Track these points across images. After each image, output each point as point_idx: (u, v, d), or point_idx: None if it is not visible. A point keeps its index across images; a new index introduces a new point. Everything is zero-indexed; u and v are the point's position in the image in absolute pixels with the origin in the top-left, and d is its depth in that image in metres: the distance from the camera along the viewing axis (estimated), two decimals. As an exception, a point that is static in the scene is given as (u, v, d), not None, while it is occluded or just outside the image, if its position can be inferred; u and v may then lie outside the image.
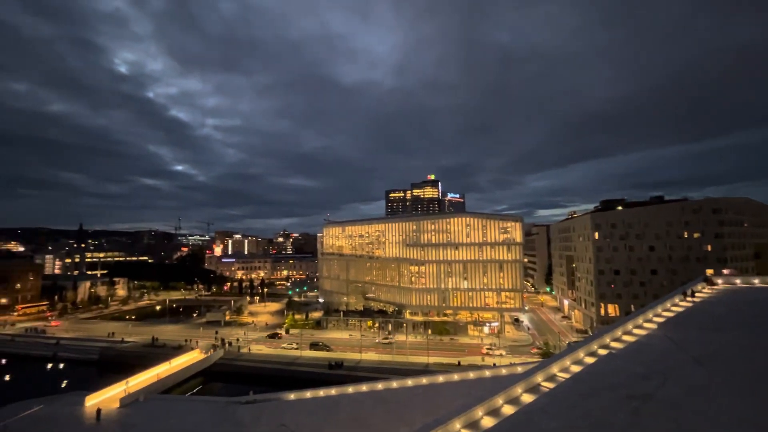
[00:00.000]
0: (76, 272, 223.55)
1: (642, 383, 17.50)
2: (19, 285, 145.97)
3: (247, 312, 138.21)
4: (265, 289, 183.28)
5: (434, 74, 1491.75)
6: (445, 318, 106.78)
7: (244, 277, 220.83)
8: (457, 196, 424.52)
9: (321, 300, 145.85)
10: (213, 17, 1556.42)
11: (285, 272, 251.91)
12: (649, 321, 27.31)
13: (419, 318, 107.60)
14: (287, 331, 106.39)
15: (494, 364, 74.56)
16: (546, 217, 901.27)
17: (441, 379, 61.76)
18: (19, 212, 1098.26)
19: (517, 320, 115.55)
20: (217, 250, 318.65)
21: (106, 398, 57.24)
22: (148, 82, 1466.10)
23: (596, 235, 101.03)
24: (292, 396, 58.81)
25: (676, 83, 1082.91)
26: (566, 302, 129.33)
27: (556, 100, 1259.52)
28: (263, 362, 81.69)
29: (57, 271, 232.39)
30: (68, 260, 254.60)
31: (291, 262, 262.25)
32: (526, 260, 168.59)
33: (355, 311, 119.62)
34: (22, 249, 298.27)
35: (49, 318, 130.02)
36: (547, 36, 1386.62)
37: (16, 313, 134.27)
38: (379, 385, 60.83)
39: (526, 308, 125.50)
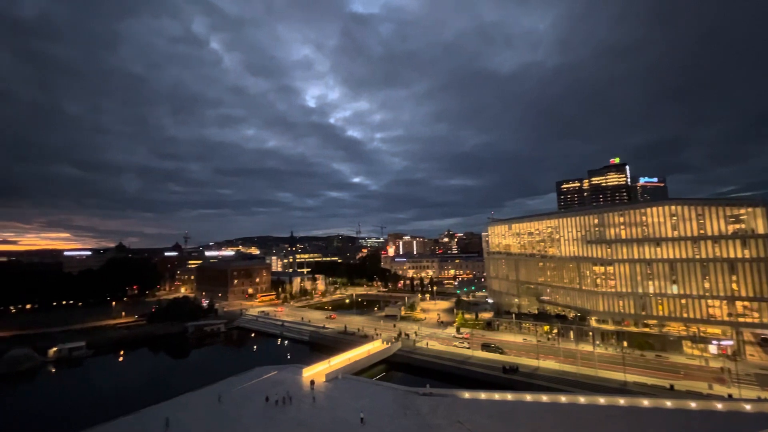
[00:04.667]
0: (290, 270, 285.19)
1: None
2: (258, 279, 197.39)
3: (419, 308, 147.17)
4: (434, 288, 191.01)
5: (610, 37, 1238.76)
6: (646, 329, 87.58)
7: (414, 275, 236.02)
8: (655, 180, 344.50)
9: (490, 300, 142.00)
10: (374, 41, 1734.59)
11: (452, 272, 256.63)
12: None
13: (609, 327, 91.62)
14: (458, 330, 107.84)
15: (729, 395, 56.71)
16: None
17: (646, 402, 51.20)
18: (255, 224, 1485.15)
19: (766, 340, 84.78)
20: (390, 251, 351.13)
21: (315, 372, 70.54)
22: (329, 110, 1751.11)
23: None
24: (466, 395, 59.23)
25: None
26: None
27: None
28: (436, 358, 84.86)
29: (278, 269, 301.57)
30: (285, 260, 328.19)
31: (457, 261, 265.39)
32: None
33: (528, 314, 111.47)
34: (258, 252, 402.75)
35: (277, 305, 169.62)
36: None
37: (257, 300, 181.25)
38: (562, 398, 54.87)
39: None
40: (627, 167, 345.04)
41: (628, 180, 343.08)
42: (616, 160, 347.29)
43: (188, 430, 48.43)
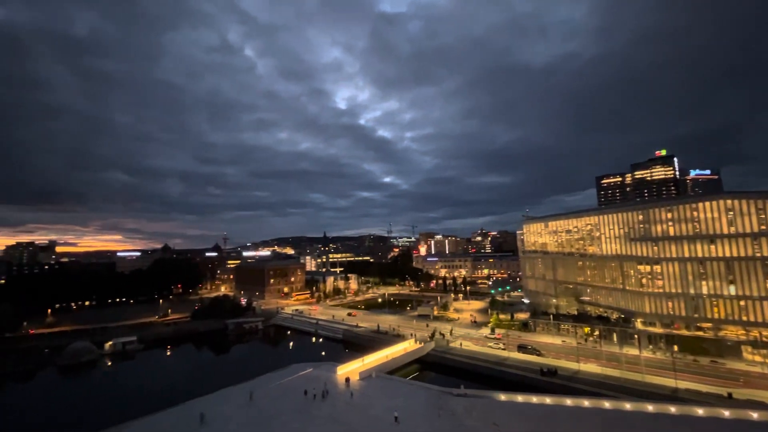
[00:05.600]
0: (324, 269, 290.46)
1: None
2: (293, 278, 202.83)
3: (452, 308, 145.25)
4: (467, 287, 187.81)
5: (652, 21, 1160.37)
6: (700, 333, 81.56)
7: (447, 275, 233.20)
8: (707, 172, 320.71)
9: (525, 301, 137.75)
10: (403, 40, 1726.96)
11: (485, 271, 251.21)
12: None
13: (657, 329, 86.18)
14: (492, 331, 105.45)
15: (799, 407, 51.61)
16: None
17: (701, 411, 47.88)
18: (289, 225, 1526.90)
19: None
20: (422, 250, 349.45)
21: (350, 370, 71.33)
22: (359, 111, 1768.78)
23: None
24: (502, 397, 57.85)
25: None
26: None
27: None
28: (471, 358, 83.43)
29: (312, 269, 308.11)
30: (319, 260, 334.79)
31: (491, 260, 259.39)
32: None
33: (567, 315, 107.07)
34: (292, 252, 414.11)
35: (311, 303, 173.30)
36: None
37: (292, 299, 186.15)
38: (606, 404, 52.39)
39: None
40: (675, 159, 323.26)
41: (677, 173, 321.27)
42: (663, 152, 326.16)
43: (224, 424, 50.02)
